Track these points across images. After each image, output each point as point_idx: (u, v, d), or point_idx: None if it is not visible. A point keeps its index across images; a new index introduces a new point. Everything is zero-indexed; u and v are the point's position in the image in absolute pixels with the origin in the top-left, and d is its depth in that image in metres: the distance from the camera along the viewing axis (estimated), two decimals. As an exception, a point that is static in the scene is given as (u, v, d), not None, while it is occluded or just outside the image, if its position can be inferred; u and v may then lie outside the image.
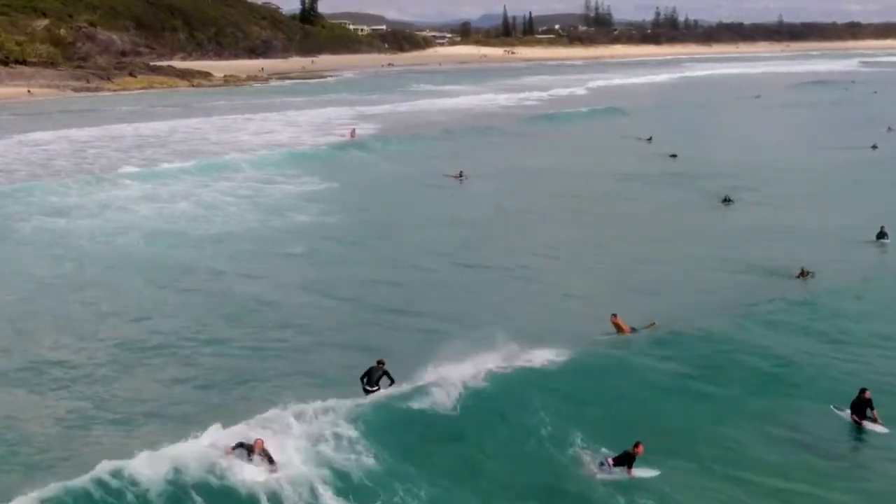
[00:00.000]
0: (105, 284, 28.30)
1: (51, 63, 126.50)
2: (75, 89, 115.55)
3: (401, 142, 65.95)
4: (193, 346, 22.74)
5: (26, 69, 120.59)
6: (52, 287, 28.03)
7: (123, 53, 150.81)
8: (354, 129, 67.07)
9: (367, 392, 18.55)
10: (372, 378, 18.93)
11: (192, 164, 53.13)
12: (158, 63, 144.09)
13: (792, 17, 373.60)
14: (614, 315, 22.73)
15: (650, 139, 63.81)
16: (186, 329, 23.91)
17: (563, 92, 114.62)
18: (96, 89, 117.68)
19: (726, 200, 41.04)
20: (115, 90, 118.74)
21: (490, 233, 36.21)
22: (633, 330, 22.71)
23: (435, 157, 58.61)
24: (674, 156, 55.63)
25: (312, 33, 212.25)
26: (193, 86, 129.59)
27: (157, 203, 42.44)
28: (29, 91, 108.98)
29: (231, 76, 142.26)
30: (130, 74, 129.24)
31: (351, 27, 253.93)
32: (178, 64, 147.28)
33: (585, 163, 54.66)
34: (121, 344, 22.90)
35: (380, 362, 19.25)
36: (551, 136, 71.13)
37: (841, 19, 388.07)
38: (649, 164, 53.87)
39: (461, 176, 48.37)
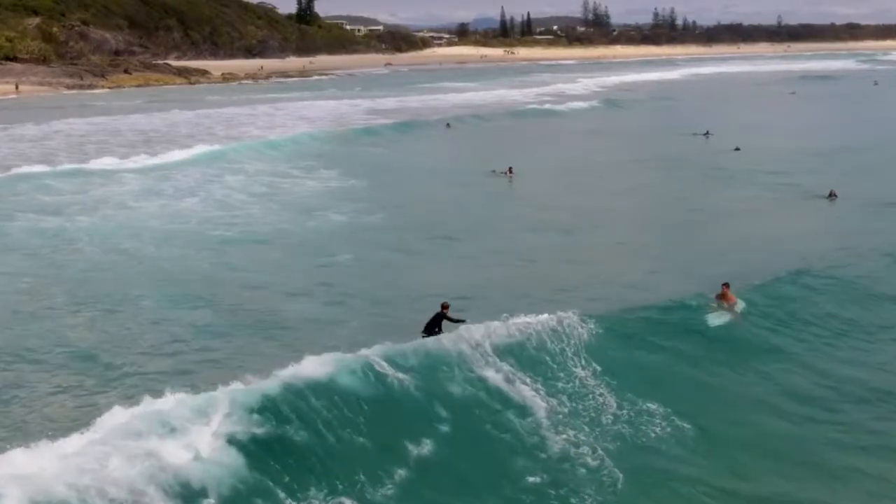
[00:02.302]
0: (114, 302, 22.13)
1: (43, 60, 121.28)
2: (68, 86, 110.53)
3: (421, 136, 61.24)
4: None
5: (17, 66, 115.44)
6: (46, 305, 21.99)
7: (117, 52, 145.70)
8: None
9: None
10: (429, 325, 17.59)
11: (194, 155, 48.13)
12: (154, 62, 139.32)
13: (785, 20, 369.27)
14: (725, 285, 20.56)
15: (707, 134, 58.63)
16: (231, 369, 16.44)
17: (579, 87, 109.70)
18: (90, 86, 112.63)
19: (831, 196, 35.87)
20: (109, 87, 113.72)
21: (570, 237, 30.38)
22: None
23: (465, 152, 53.69)
24: (737, 149, 50.94)
25: (309, 33, 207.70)
26: (191, 83, 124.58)
27: (161, 199, 37.09)
28: (17, 87, 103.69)
29: (230, 74, 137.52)
30: (125, 72, 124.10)
31: (347, 28, 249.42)
32: (173, 63, 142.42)
33: (643, 158, 49.27)
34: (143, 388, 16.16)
35: (444, 306, 17.75)
36: (589, 129, 66.00)
37: (835, 22, 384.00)
38: (716, 159, 48.51)
39: (510, 173, 42.84)
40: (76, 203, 35.67)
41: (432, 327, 17.54)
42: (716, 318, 19.96)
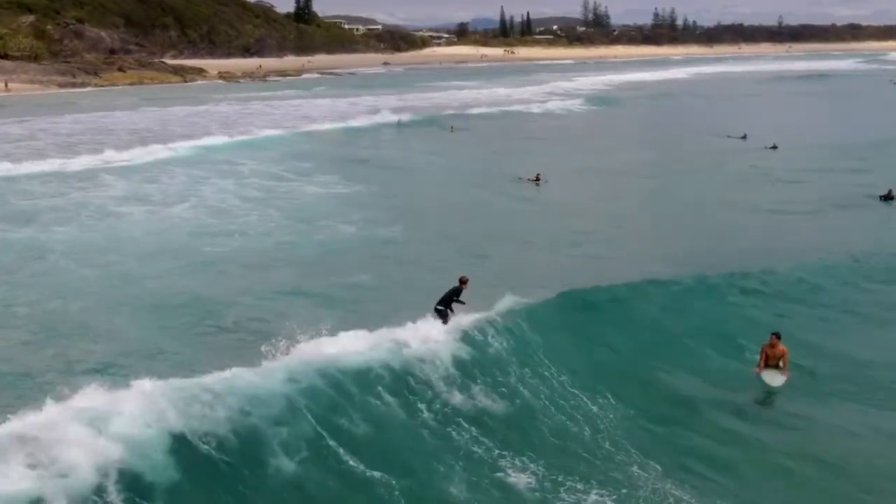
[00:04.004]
0: (90, 336, 18.43)
1: (34, 57, 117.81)
2: (60, 84, 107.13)
3: (425, 136, 58.00)
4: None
5: (7, 63, 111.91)
6: (12, 340, 18.21)
7: (112, 51, 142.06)
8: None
9: (437, 311, 16.79)
10: (445, 297, 16.96)
11: (186, 154, 45.31)
12: (150, 60, 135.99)
13: (785, 21, 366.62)
14: (775, 335, 17.07)
15: (745, 137, 54.53)
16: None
17: (587, 86, 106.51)
18: (82, 84, 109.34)
19: (887, 197, 32.85)
20: (102, 86, 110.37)
21: (616, 250, 26.94)
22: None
23: (475, 155, 50.26)
24: (774, 147, 48.43)
25: (308, 32, 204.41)
26: (186, 81, 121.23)
27: (147, 205, 33.71)
28: (6, 85, 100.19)
29: (227, 73, 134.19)
30: (120, 70, 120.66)
31: (346, 27, 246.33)
32: (169, 61, 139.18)
33: (675, 159, 46.58)
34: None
35: (462, 281, 17.10)
36: (612, 129, 63.01)
37: (835, 23, 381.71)
38: (754, 158, 45.70)
39: (539, 179, 38.93)
40: (52, 209, 32.28)
41: (448, 301, 16.97)
42: (770, 378, 16.88)
